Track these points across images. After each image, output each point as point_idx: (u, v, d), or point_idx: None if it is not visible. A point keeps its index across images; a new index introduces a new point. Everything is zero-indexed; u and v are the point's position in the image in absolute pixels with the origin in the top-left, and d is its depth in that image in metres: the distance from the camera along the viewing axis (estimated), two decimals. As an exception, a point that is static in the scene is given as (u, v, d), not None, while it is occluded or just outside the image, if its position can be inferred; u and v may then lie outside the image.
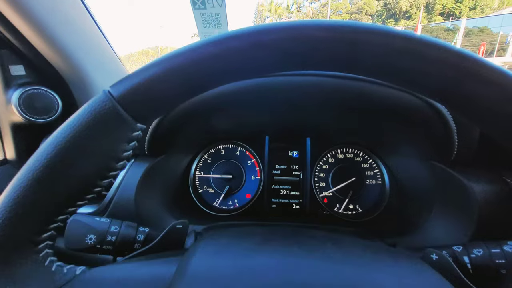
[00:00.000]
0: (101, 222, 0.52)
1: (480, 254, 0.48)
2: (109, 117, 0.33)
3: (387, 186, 0.86)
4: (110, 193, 0.71)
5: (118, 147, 0.35)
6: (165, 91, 0.34)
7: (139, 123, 0.36)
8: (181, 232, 0.51)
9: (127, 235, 0.53)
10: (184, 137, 0.76)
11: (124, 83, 0.33)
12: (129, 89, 0.33)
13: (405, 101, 0.55)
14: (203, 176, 0.93)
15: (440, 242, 0.62)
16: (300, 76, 0.56)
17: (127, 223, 0.55)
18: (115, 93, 0.33)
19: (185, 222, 0.51)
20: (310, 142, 0.92)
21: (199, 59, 0.33)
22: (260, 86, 0.56)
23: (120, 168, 0.36)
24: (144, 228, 0.55)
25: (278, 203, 0.91)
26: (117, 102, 0.33)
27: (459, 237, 0.60)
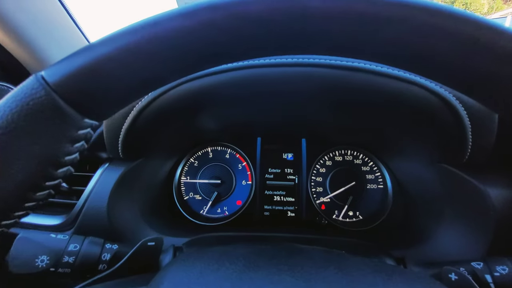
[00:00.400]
0: (57, 239, 0.43)
1: (505, 272, 0.42)
2: (42, 110, 0.25)
3: (389, 190, 0.79)
4: (79, 202, 0.63)
5: (58, 150, 0.27)
6: (120, 77, 0.27)
7: (87, 118, 0.28)
8: (154, 250, 0.43)
9: (89, 255, 0.44)
10: (166, 138, 0.68)
11: (62, 66, 0.25)
12: (70, 74, 0.25)
13: (413, 95, 0.48)
14: (189, 181, 0.84)
15: (454, 255, 0.55)
16: (292, 67, 0.48)
17: (91, 239, 0.47)
18: (51, 78, 0.25)
19: (158, 239, 0.43)
20: (305, 144, 0.84)
21: (164, 36, 0.25)
22: (247, 79, 0.49)
23: (62, 176, 0.28)
24: (112, 245, 0.47)
25: (271, 211, 0.83)
26: (53, 90, 0.25)
27: (475, 249, 0.53)
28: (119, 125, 0.55)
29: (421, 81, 0.47)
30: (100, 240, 0.47)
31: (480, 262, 0.44)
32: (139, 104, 0.52)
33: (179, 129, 0.66)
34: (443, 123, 0.51)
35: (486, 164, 0.56)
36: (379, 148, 0.80)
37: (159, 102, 0.52)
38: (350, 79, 0.48)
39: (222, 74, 0.49)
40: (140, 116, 0.54)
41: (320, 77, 0.48)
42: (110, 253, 0.46)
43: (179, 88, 0.50)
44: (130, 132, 0.56)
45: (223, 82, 0.49)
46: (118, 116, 0.54)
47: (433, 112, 0.50)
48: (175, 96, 0.51)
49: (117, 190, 0.62)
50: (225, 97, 0.51)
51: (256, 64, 0.49)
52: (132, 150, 0.61)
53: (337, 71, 0.48)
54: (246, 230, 0.68)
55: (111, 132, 0.56)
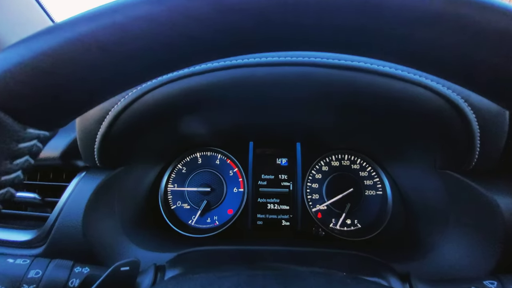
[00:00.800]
0: (15, 265, 0.37)
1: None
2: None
3: (389, 198, 0.75)
4: (52, 216, 0.57)
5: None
6: (71, 76, 0.21)
7: (30, 127, 0.22)
8: (128, 275, 0.38)
9: (54, 281, 0.39)
10: (149, 144, 0.62)
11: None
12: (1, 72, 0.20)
13: (418, 96, 0.44)
14: (176, 189, 0.79)
15: (461, 270, 0.51)
16: (285, 67, 0.44)
17: (57, 262, 0.41)
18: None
19: (133, 262, 0.38)
20: (300, 148, 0.80)
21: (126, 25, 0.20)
22: (236, 80, 0.44)
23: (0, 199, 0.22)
24: (82, 268, 0.41)
25: (264, 219, 0.78)
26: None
27: (484, 263, 0.50)
28: (93, 130, 0.49)
29: (427, 82, 0.43)
30: (69, 263, 0.41)
31: (494, 281, 0.40)
32: (114, 108, 0.47)
33: (163, 134, 0.61)
34: (450, 126, 0.47)
35: (494, 170, 0.52)
36: (378, 153, 0.76)
37: (138, 105, 0.47)
38: (350, 80, 0.43)
39: (207, 75, 0.44)
40: (117, 121, 0.48)
41: (316, 77, 0.43)
42: (79, 278, 0.40)
43: (159, 90, 0.45)
44: (107, 138, 0.50)
45: (209, 83, 0.44)
46: (92, 121, 0.49)
47: (438, 115, 0.46)
48: (155, 98, 0.46)
49: (95, 202, 0.56)
50: (212, 100, 0.46)
51: (245, 63, 0.44)
52: (110, 158, 0.56)
53: (335, 71, 0.43)
54: (237, 243, 0.63)
55: (85, 139, 0.51)
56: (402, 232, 0.70)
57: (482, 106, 0.44)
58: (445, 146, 0.52)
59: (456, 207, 0.55)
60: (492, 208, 0.49)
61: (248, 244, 0.61)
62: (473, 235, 0.52)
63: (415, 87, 0.43)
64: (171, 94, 0.45)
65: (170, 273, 0.46)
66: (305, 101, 0.48)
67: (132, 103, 0.46)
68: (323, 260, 0.52)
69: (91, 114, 0.48)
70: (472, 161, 0.49)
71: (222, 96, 0.45)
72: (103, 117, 0.48)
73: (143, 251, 0.58)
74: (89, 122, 0.49)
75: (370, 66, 0.43)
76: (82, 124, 0.50)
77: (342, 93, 0.46)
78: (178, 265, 0.48)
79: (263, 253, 0.54)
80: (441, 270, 0.52)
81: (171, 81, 0.44)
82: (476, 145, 0.47)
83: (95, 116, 0.48)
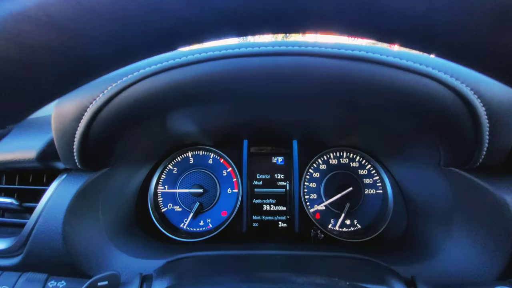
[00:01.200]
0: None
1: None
2: None
3: (390, 196, 0.72)
4: (30, 222, 0.52)
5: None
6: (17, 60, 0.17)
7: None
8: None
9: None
10: (135, 144, 0.58)
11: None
12: None
13: (424, 88, 0.41)
14: (167, 191, 0.75)
15: (468, 272, 0.48)
16: (281, 57, 0.40)
17: (28, 276, 0.37)
18: None
19: (112, 276, 0.34)
20: (297, 146, 0.76)
21: None
22: (227, 72, 0.40)
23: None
24: (57, 282, 0.37)
25: (260, 221, 0.75)
26: None
27: (492, 265, 0.47)
28: (70, 130, 0.45)
29: (434, 72, 0.40)
30: (42, 276, 0.37)
31: (506, 286, 0.37)
32: (93, 104, 0.43)
33: (150, 132, 0.57)
34: (457, 120, 0.43)
35: (501, 167, 0.49)
36: (378, 149, 0.73)
37: (119, 101, 0.42)
38: (350, 71, 0.40)
39: (195, 66, 0.40)
40: (96, 119, 0.44)
41: (314, 68, 0.40)
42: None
43: (141, 84, 0.41)
44: (86, 138, 0.46)
45: (197, 76, 0.40)
46: (68, 119, 0.44)
47: (445, 107, 0.42)
48: (137, 93, 0.41)
49: (76, 207, 0.52)
50: (200, 94, 0.42)
51: (236, 53, 0.40)
52: (92, 159, 0.51)
53: (335, 61, 0.39)
54: (231, 247, 0.59)
55: (62, 139, 0.46)
56: (404, 233, 0.67)
57: (493, 98, 0.41)
58: (451, 142, 0.49)
59: (461, 206, 0.53)
60: (500, 207, 0.46)
61: (243, 248, 0.58)
62: (480, 236, 0.50)
63: (421, 78, 0.40)
64: (155, 88, 0.41)
65: (157, 284, 0.42)
66: (302, 95, 0.44)
67: (111, 98, 0.42)
68: (323, 265, 0.48)
69: (67, 111, 0.44)
70: (479, 157, 0.46)
71: (211, 90, 0.41)
72: (80, 115, 0.44)
73: (130, 259, 0.55)
74: (65, 121, 0.44)
75: (372, 55, 0.39)
76: (58, 122, 0.45)
77: (341, 86, 0.43)
78: (167, 275, 0.44)
79: (259, 259, 0.51)
80: (447, 274, 0.49)
81: (154, 73, 0.40)
82: (484, 141, 0.44)
83: (72, 113, 0.44)
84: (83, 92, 0.44)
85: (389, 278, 0.43)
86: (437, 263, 0.52)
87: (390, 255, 0.57)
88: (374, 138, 0.67)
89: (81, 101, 0.43)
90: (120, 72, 0.43)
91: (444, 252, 0.53)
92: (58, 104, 0.46)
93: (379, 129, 0.60)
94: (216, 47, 0.40)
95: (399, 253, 0.59)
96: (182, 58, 0.40)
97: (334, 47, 0.40)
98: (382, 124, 0.56)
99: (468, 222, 0.52)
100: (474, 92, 0.40)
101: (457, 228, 0.53)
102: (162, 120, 0.52)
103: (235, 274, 0.39)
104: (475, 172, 0.50)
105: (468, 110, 0.42)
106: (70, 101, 0.45)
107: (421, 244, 0.59)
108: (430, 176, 0.59)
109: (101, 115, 0.44)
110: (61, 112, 0.45)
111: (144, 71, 0.41)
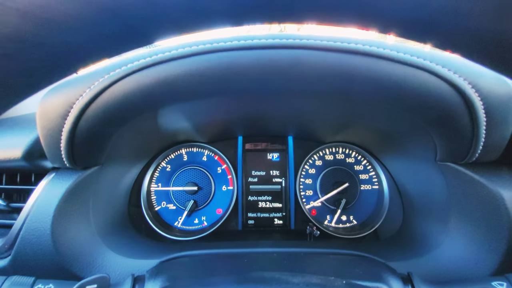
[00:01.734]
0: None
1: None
2: None
3: (385, 192, 0.72)
4: (17, 223, 0.51)
5: None
6: None
7: None
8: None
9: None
10: (126, 141, 0.56)
11: None
12: None
13: (420, 82, 0.40)
14: (160, 189, 0.73)
15: (463, 267, 0.48)
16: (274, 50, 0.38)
17: (14, 279, 0.35)
18: None
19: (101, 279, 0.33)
20: (292, 142, 0.75)
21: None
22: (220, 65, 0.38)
23: None
24: (45, 286, 0.36)
25: (256, 219, 0.74)
26: None
27: (487, 260, 0.47)
28: (56, 127, 0.43)
29: (431, 65, 0.39)
30: (29, 279, 0.36)
31: (503, 282, 0.37)
32: (79, 100, 0.41)
33: (141, 129, 0.55)
34: (454, 115, 0.43)
35: (497, 161, 0.49)
36: (374, 145, 0.72)
37: (106, 97, 0.41)
38: (346, 64, 0.39)
39: (186, 60, 0.38)
40: (83, 115, 0.42)
41: (309, 62, 0.39)
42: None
43: (130, 79, 0.39)
44: (73, 135, 0.44)
45: (188, 70, 0.38)
46: (54, 116, 0.42)
47: (443, 101, 0.42)
48: (125, 88, 0.40)
49: (65, 207, 0.51)
50: (191, 89, 0.40)
51: (230, 46, 0.38)
52: (81, 158, 0.50)
53: (330, 54, 0.38)
54: (227, 246, 0.58)
55: (48, 137, 0.44)
56: (400, 229, 0.67)
57: (491, 92, 0.40)
58: (447, 136, 0.48)
59: (457, 201, 0.52)
60: (496, 202, 0.46)
61: (239, 246, 0.57)
62: (475, 231, 0.49)
63: (418, 71, 0.39)
64: (144, 83, 0.39)
65: (149, 285, 0.41)
66: (296, 89, 0.43)
67: (99, 94, 0.40)
68: (320, 263, 0.48)
69: (52, 108, 0.42)
70: (475, 152, 0.46)
71: (203, 85, 0.40)
72: (66, 112, 0.42)
73: (122, 259, 0.53)
74: (50, 117, 0.43)
75: (369, 48, 0.38)
76: (43, 119, 0.43)
77: (337, 79, 0.41)
78: (160, 276, 0.43)
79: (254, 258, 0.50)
80: (444, 269, 0.49)
81: (143, 67, 0.38)
82: (481, 135, 0.43)
83: (57, 110, 0.42)
84: (68, 88, 0.42)
85: (385, 275, 0.43)
86: (433, 259, 0.52)
87: (386, 251, 0.57)
88: (370, 133, 0.67)
89: (66, 97, 0.41)
90: (107, 67, 0.41)
91: (440, 247, 0.52)
92: (43, 100, 0.44)
93: (375, 124, 0.59)
94: (208, 40, 0.39)
95: (395, 249, 0.59)
96: (173, 52, 0.38)
97: (330, 40, 0.38)
98: (378, 118, 0.56)
99: (464, 217, 0.52)
100: (472, 86, 0.40)
101: (453, 223, 0.53)
102: (153, 116, 0.50)
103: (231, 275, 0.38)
104: (471, 167, 0.50)
105: (465, 104, 0.41)
106: (55, 97, 0.43)
107: (417, 240, 0.58)
108: (426, 171, 0.59)
109: (88, 112, 0.42)
110: (46, 109, 0.43)
111: (133, 65, 0.39)
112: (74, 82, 0.43)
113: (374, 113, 0.53)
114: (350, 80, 0.41)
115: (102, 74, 0.40)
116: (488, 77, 0.41)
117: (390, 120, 0.54)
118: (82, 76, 0.43)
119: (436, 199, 0.57)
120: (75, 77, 0.44)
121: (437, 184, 0.56)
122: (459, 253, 0.50)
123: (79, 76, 0.44)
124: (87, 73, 0.43)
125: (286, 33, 0.39)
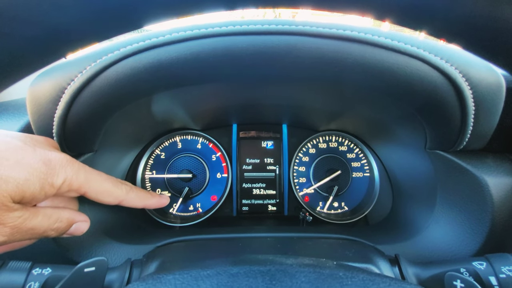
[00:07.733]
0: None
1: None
2: None
3: (376, 179, 0.74)
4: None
5: None
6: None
7: None
8: (95, 276, 0.33)
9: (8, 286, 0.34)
10: (121, 127, 0.56)
11: None
12: None
13: (412, 70, 0.41)
14: (155, 176, 0.73)
15: (447, 249, 0.51)
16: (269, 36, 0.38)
17: (11, 264, 0.36)
18: None
19: (99, 262, 0.33)
20: (287, 130, 0.76)
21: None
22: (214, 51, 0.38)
23: None
24: (42, 269, 0.36)
25: (250, 205, 0.75)
26: None
27: (471, 242, 0.49)
28: (48, 112, 0.42)
29: (424, 54, 0.39)
30: (26, 264, 0.36)
31: (483, 262, 0.40)
32: (71, 85, 0.40)
33: (135, 116, 0.54)
34: (444, 103, 0.44)
35: (484, 149, 0.51)
36: (366, 133, 0.73)
37: (99, 82, 0.40)
38: (342, 51, 0.39)
39: (180, 45, 0.37)
40: (75, 101, 0.41)
41: (304, 48, 0.38)
42: (39, 281, 0.35)
43: (123, 64, 0.39)
44: (65, 121, 0.43)
45: (182, 56, 0.38)
46: (45, 101, 0.41)
47: (434, 90, 0.42)
48: (118, 73, 0.39)
49: (59, 194, 0.50)
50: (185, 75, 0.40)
51: (224, 31, 0.38)
52: (74, 144, 0.49)
53: (325, 41, 0.38)
54: (221, 231, 0.59)
55: (40, 122, 0.44)
56: (389, 214, 0.70)
57: (481, 82, 0.41)
58: (437, 125, 0.49)
59: (444, 187, 0.54)
60: (481, 187, 0.48)
61: (234, 231, 0.58)
62: (460, 215, 0.52)
63: (411, 59, 0.39)
64: (138, 68, 0.39)
65: (147, 268, 0.42)
66: (291, 75, 0.43)
67: (91, 79, 0.39)
68: (312, 246, 0.50)
69: (42, 93, 0.41)
70: (463, 140, 0.48)
71: (197, 70, 0.39)
72: (58, 97, 0.41)
73: (119, 245, 0.54)
74: (41, 103, 0.42)
75: (364, 36, 0.38)
76: (33, 105, 0.42)
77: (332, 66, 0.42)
78: (156, 260, 0.44)
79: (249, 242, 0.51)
80: (428, 251, 0.52)
81: (136, 52, 0.38)
82: (469, 124, 0.45)
83: (48, 95, 0.41)
84: (59, 72, 0.41)
85: (374, 257, 0.45)
86: (419, 242, 0.54)
87: (375, 235, 0.59)
88: (362, 121, 0.68)
89: (57, 81, 0.41)
90: (99, 51, 0.40)
91: (426, 231, 0.55)
92: (33, 85, 0.43)
93: (368, 112, 0.60)
94: (203, 25, 0.38)
95: (383, 233, 0.61)
96: (167, 36, 0.38)
97: (325, 26, 0.38)
98: (371, 106, 0.56)
99: (449, 202, 0.54)
100: (462, 75, 0.41)
101: (438, 208, 0.55)
102: (147, 102, 0.50)
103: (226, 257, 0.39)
104: (458, 155, 0.51)
105: (455, 93, 0.42)
106: (46, 81, 0.42)
107: (405, 224, 0.61)
108: (415, 158, 0.60)
109: (80, 98, 0.41)
110: (36, 94, 0.42)
111: (126, 50, 0.38)
112: (65, 66, 0.41)
113: (367, 100, 0.54)
114: (344, 67, 0.41)
115: (93, 58, 0.39)
116: (479, 66, 0.42)
117: (382, 107, 0.55)
118: (73, 61, 0.42)
119: (424, 185, 0.59)
120: (65, 61, 0.43)
121: (425, 170, 0.58)
122: (444, 236, 0.53)
123: (69, 61, 0.43)
124: (77, 57, 0.42)
125: (282, 19, 0.39)
